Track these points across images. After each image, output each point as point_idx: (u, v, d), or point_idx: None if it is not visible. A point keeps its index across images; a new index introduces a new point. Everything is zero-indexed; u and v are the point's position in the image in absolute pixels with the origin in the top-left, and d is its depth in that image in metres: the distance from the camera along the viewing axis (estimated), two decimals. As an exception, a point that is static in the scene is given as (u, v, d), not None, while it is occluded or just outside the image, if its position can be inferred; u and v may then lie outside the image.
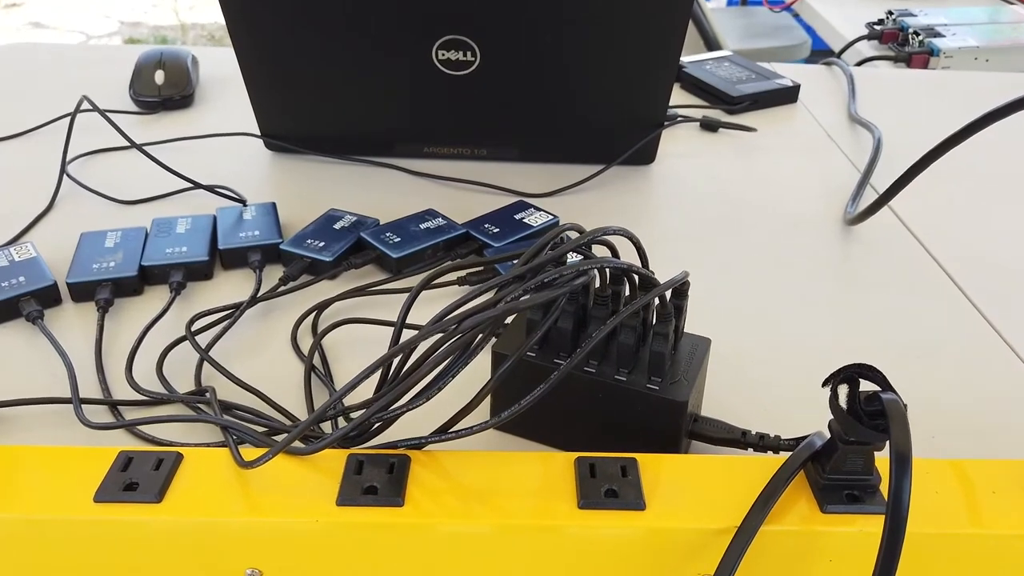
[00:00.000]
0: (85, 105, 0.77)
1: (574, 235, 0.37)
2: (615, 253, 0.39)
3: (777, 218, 0.66)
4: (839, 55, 1.31)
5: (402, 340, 0.38)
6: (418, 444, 0.36)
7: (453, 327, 0.32)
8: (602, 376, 0.39)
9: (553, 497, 0.34)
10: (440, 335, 0.33)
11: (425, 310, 0.53)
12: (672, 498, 0.34)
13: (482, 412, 0.39)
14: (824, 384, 0.32)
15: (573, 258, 0.37)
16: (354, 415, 0.41)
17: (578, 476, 0.35)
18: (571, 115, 0.69)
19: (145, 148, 0.73)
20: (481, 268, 0.57)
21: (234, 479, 0.35)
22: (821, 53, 2.60)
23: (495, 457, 0.37)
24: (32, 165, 0.71)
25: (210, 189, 0.62)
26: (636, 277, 0.37)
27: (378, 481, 0.34)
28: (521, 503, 0.34)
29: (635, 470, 0.35)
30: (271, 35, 0.64)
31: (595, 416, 0.40)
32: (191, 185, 0.64)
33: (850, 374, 0.32)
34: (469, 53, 0.64)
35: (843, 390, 0.32)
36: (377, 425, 0.37)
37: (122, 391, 0.46)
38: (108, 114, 0.66)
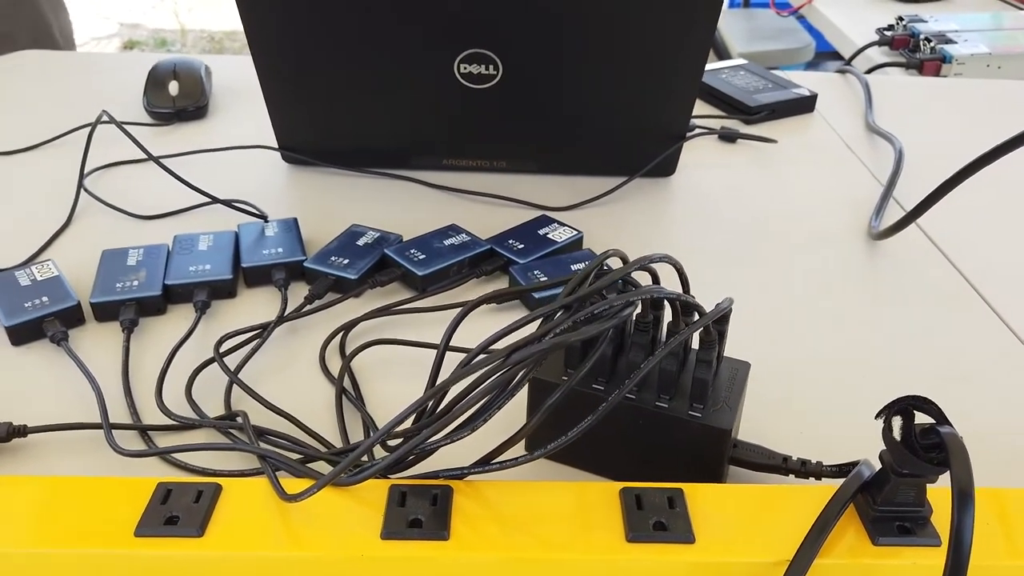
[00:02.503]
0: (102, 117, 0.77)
1: (616, 262, 0.36)
2: (656, 279, 0.38)
3: (800, 231, 0.66)
4: (849, 61, 1.30)
5: (443, 366, 0.37)
6: (459, 474, 0.36)
7: (499, 361, 0.32)
8: (642, 403, 0.38)
9: (600, 529, 0.34)
10: (484, 368, 0.32)
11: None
12: (721, 530, 0.34)
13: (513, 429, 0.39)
14: (877, 416, 0.32)
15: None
16: (391, 442, 0.41)
17: (624, 507, 0.34)
18: (592, 127, 0.69)
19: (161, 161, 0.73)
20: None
21: (275, 511, 0.35)
22: (825, 55, 2.61)
23: (537, 487, 0.36)
24: (47, 179, 0.70)
25: (230, 204, 0.61)
26: (680, 304, 0.36)
27: (422, 513, 0.34)
28: (569, 536, 0.33)
29: (682, 501, 0.35)
30: (292, 48, 0.63)
31: (634, 443, 0.40)
32: (210, 200, 0.63)
33: (904, 406, 0.31)
34: (491, 67, 0.63)
35: (896, 422, 0.31)
36: (412, 456, 0.37)
37: (150, 414, 0.45)
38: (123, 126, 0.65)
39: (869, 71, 1.19)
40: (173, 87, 0.80)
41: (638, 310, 0.38)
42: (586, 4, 0.60)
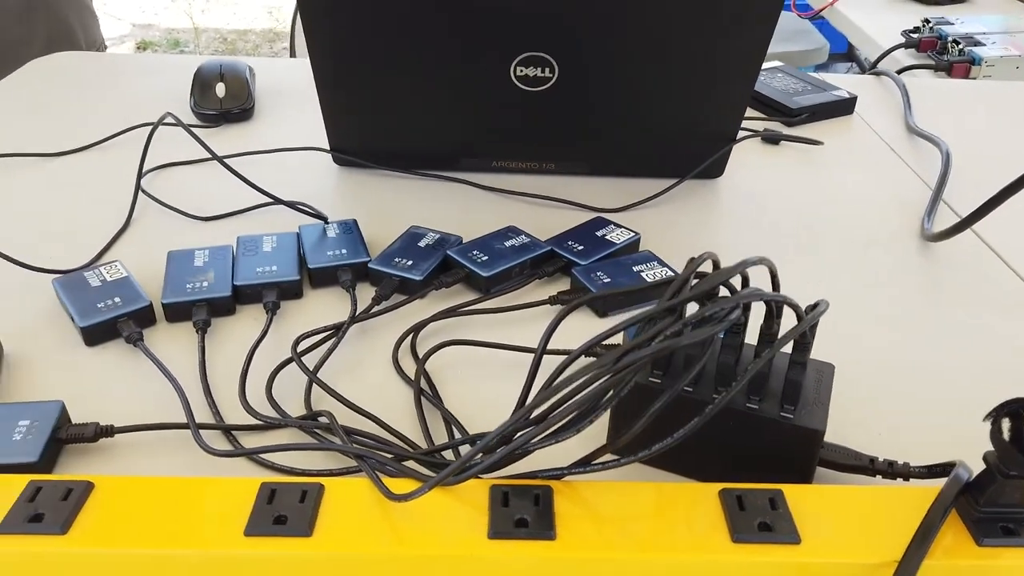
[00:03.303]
0: (144, 119, 0.78)
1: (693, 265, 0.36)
2: (746, 282, 0.38)
3: (853, 233, 0.66)
4: (875, 64, 1.31)
5: (523, 366, 0.37)
6: (558, 475, 0.36)
7: (609, 364, 0.32)
8: (733, 404, 0.39)
9: (703, 530, 0.34)
10: (593, 371, 0.33)
11: (518, 330, 0.53)
12: (824, 531, 0.34)
13: (593, 437, 0.39)
14: (986, 418, 0.32)
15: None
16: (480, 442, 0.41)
17: (726, 508, 0.35)
18: (644, 129, 0.69)
19: (213, 162, 0.73)
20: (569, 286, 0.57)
21: (379, 511, 0.35)
22: (837, 57, 2.60)
23: (636, 488, 0.36)
24: (99, 181, 0.71)
25: (292, 206, 0.61)
26: (775, 306, 0.37)
27: (527, 513, 0.34)
28: (673, 536, 0.34)
29: (784, 502, 0.35)
30: (351, 50, 0.64)
31: (721, 444, 0.40)
32: (266, 201, 0.64)
33: (1015, 408, 0.31)
34: (547, 69, 0.64)
35: (1006, 424, 0.32)
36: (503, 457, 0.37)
37: (228, 414, 0.46)
38: (171, 128, 0.65)
39: (899, 72, 1.19)
40: (220, 89, 0.81)
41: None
42: (645, 6, 0.60)
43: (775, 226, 0.67)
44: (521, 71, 0.64)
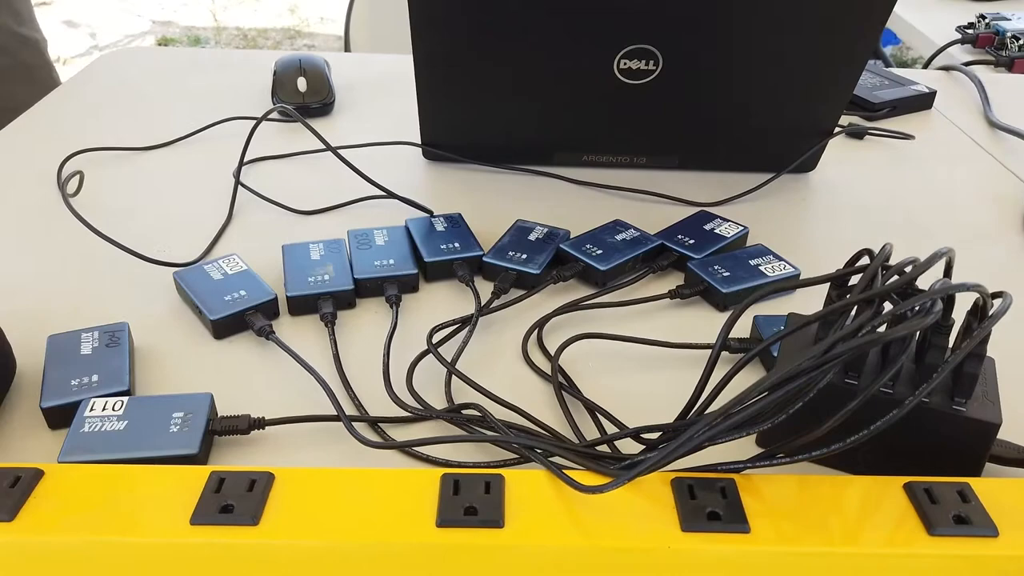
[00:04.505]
0: (219, 114, 0.78)
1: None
2: (913, 280, 0.38)
3: (955, 227, 0.66)
4: (931, 60, 1.30)
5: (715, 364, 0.37)
6: (737, 468, 0.36)
7: (818, 355, 0.32)
8: (901, 397, 0.38)
9: (897, 524, 0.34)
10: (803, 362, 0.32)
11: (635, 323, 0.53)
12: (1018, 524, 0.34)
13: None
14: None
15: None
16: (646, 436, 0.41)
17: (916, 502, 0.34)
18: (744, 124, 0.69)
19: (301, 156, 0.73)
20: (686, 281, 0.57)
21: (561, 502, 0.35)
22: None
23: (817, 481, 0.36)
24: (193, 173, 0.70)
25: (405, 200, 0.61)
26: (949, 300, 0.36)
27: (717, 506, 0.34)
28: (866, 530, 0.33)
29: (974, 495, 0.34)
30: (455, 43, 0.63)
31: (886, 437, 0.39)
32: (368, 194, 0.63)
33: None
34: (651, 62, 0.63)
35: None
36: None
37: (368, 406, 0.45)
38: (247, 122, 0.65)
39: (966, 65, 1.19)
40: (301, 84, 0.80)
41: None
42: (757, -1, 0.60)
43: (877, 220, 0.67)
44: (624, 64, 0.64)
